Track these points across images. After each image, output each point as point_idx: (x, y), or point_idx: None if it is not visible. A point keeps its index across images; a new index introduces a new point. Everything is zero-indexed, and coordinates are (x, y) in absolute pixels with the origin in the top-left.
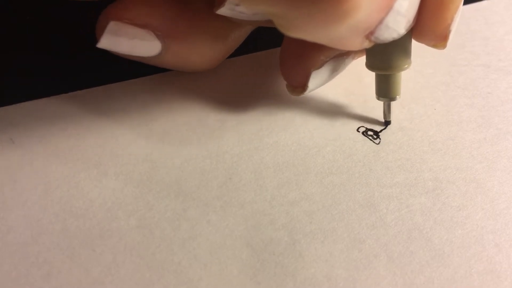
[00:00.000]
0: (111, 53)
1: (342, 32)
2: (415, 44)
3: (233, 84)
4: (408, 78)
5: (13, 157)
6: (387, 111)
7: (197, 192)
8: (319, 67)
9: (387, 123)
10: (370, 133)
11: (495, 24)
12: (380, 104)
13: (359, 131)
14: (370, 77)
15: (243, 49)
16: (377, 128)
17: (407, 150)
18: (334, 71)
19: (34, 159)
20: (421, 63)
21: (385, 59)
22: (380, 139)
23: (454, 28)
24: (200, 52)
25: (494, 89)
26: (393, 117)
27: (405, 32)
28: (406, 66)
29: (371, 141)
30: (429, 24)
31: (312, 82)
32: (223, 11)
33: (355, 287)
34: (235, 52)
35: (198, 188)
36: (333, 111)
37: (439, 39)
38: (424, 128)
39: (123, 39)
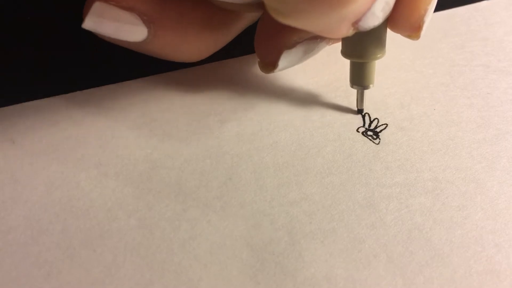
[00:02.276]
0: (110, 54)
1: (337, 19)
2: (416, 46)
3: (233, 85)
4: (408, 79)
5: (13, 157)
6: (360, 99)
7: (197, 192)
8: (291, 47)
9: (359, 111)
10: (369, 133)
11: (495, 24)
12: (382, 104)
13: (358, 131)
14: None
15: (244, 49)
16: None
17: (407, 150)
18: (307, 53)
19: (34, 159)
20: (421, 64)
21: (360, 47)
22: (379, 139)
23: (427, 19)
24: (188, 41)
25: (493, 90)
26: (393, 117)
27: (383, 21)
28: (379, 55)
29: (371, 141)
30: (404, 14)
31: (283, 61)
32: None
33: (355, 287)
34: (236, 52)
35: (198, 188)
36: (333, 111)
37: (412, 30)
38: (424, 128)
39: (108, 21)
